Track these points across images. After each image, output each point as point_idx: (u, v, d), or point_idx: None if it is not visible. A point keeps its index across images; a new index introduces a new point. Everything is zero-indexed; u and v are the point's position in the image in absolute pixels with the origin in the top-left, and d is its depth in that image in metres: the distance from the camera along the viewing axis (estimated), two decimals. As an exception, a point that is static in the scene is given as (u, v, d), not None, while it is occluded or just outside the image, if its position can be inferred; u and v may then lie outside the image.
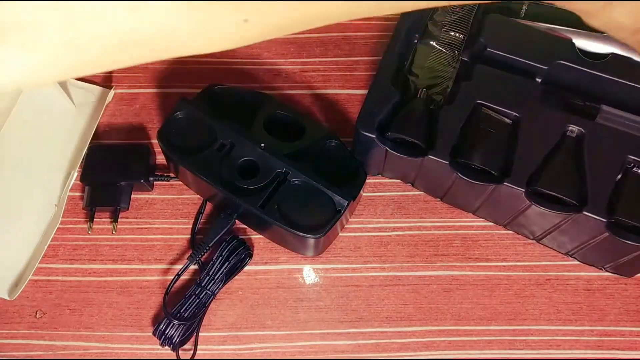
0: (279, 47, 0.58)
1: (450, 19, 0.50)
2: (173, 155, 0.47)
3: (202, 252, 0.48)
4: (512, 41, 0.47)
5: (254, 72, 0.56)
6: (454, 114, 0.45)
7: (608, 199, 0.42)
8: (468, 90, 0.46)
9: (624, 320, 0.48)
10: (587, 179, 0.42)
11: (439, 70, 0.49)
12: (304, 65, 0.57)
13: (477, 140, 0.44)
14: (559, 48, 0.47)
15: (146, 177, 0.50)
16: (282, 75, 0.57)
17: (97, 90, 0.56)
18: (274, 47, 0.58)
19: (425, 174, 0.48)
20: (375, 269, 0.49)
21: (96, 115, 0.54)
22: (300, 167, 0.46)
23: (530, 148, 0.44)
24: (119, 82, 0.56)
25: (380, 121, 0.46)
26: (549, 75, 0.47)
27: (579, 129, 0.44)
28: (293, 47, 0.58)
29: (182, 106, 0.48)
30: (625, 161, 0.43)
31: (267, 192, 0.45)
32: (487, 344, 0.47)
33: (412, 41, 0.50)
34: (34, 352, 0.47)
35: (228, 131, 0.47)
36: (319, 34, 0.59)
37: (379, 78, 0.47)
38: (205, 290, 0.46)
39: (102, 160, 0.51)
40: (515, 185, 0.43)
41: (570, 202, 0.42)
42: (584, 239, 0.45)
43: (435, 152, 0.44)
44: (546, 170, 0.43)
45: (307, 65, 0.57)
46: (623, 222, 0.41)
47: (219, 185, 0.46)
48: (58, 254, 0.50)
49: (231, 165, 0.46)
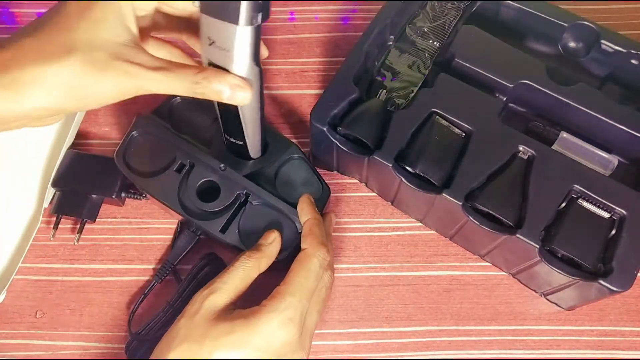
0: (279, 47, 0.58)
1: (430, 26, 0.50)
2: (132, 177, 0.46)
3: (167, 271, 0.47)
4: (482, 55, 0.47)
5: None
6: (407, 118, 0.45)
7: (545, 225, 0.42)
8: (425, 97, 0.46)
9: (624, 320, 0.48)
10: (528, 202, 0.42)
11: (408, 74, 0.49)
12: (304, 65, 0.57)
13: (424, 147, 0.44)
14: (528, 68, 0.46)
15: (118, 193, 0.49)
16: (282, 75, 0.57)
17: None
18: (274, 47, 0.58)
19: (373, 174, 0.48)
20: (375, 269, 0.49)
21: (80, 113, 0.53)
22: (261, 188, 0.45)
23: (477, 163, 0.43)
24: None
25: (334, 115, 0.46)
26: (513, 94, 0.47)
27: (531, 152, 0.44)
28: (293, 47, 0.58)
29: (139, 124, 0.47)
30: (571, 191, 0.43)
31: (228, 214, 0.45)
32: (487, 344, 0.47)
33: (386, 42, 0.50)
34: (34, 352, 0.47)
35: (187, 151, 0.46)
36: (319, 34, 0.59)
37: (341, 73, 0.47)
38: (176, 311, 0.45)
39: (77, 168, 0.50)
40: (453, 197, 0.42)
41: (506, 223, 0.42)
42: (519, 262, 0.45)
43: (380, 153, 0.44)
44: (488, 187, 0.43)
45: (307, 65, 0.57)
46: (558, 252, 0.41)
47: (178, 209, 0.45)
48: (58, 254, 0.50)
49: (191, 187, 0.45)
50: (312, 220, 0.43)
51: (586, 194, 0.42)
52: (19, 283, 0.49)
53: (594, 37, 0.48)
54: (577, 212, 0.42)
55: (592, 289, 0.41)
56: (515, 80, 0.46)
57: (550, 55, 0.50)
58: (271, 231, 0.43)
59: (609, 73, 0.49)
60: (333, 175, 0.53)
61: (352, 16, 0.60)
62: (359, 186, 0.53)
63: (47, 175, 0.51)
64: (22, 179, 0.52)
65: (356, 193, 0.52)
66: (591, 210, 0.42)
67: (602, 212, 0.42)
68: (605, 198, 0.42)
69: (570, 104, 0.45)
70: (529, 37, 0.51)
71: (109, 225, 0.51)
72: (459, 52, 0.47)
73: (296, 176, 0.48)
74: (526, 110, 0.49)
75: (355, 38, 0.48)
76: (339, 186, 0.52)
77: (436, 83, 0.46)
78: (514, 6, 0.50)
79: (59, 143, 0.52)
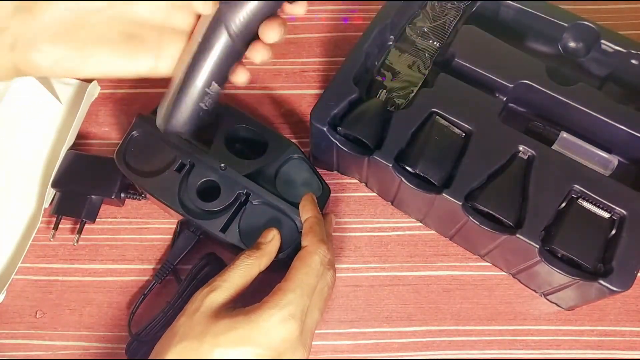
0: (279, 47, 0.58)
1: (430, 26, 0.50)
2: (132, 177, 0.46)
3: (167, 271, 0.47)
4: (482, 55, 0.47)
5: (254, 72, 0.56)
6: (407, 118, 0.45)
7: (545, 225, 0.41)
8: (425, 97, 0.46)
9: (624, 320, 0.48)
10: (528, 202, 0.42)
11: (408, 74, 0.49)
12: (304, 65, 0.57)
13: (424, 147, 0.44)
14: (527, 68, 0.46)
15: (118, 193, 0.49)
16: (282, 75, 0.57)
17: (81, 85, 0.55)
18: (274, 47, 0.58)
19: (373, 174, 0.48)
20: (375, 269, 0.49)
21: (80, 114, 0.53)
22: (261, 187, 0.45)
23: (477, 163, 0.43)
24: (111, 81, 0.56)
25: (334, 115, 0.46)
26: (513, 94, 0.47)
27: (531, 152, 0.44)
28: (293, 47, 0.58)
29: (139, 124, 0.47)
30: (571, 191, 0.42)
31: (228, 214, 0.45)
32: (487, 344, 0.47)
33: (386, 42, 0.50)
34: (34, 352, 0.47)
35: (187, 151, 0.46)
36: (319, 34, 0.59)
37: (341, 73, 0.47)
38: (176, 312, 0.44)
39: (77, 168, 0.50)
40: (453, 197, 0.42)
41: (506, 223, 0.42)
42: (519, 262, 0.45)
43: (380, 153, 0.44)
44: (488, 187, 0.43)
45: (307, 65, 0.57)
46: (558, 252, 0.41)
47: (178, 209, 0.45)
48: (58, 254, 0.50)
49: (191, 186, 0.45)
50: (313, 219, 0.43)
51: (586, 194, 0.42)
52: (18, 283, 0.49)
53: (594, 37, 0.48)
54: (577, 212, 0.42)
55: (592, 289, 0.41)
56: (515, 80, 0.46)
57: (550, 55, 0.50)
58: (270, 229, 0.43)
59: (609, 73, 0.49)
60: (333, 175, 0.53)
61: (352, 16, 0.60)
62: (359, 186, 0.53)
63: (47, 176, 0.51)
64: (22, 180, 0.52)
65: (356, 193, 0.52)
66: (591, 210, 0.42)
67: (602, 212, 0.42)
68: (605, 198, 0.42)
69: (570, 104, 0.45)
70: (529, 37, 0.51)
71: (109, 225, 0.51)
72: (459, 52, 0.47)
73: (296, 176, 0.48)
74: (526, 110, 0.49)
75: (355, 38, 0.48)
76: (339, 186, 0.52)
77: (436, 83, 0.46)
78: (514, 6, 0.50)
79: (59, 143, 0.52)
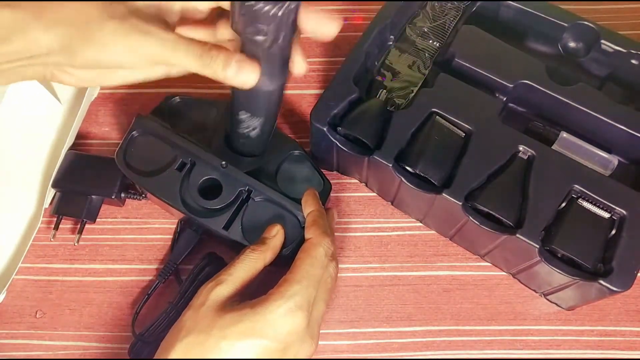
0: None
1: (430, 26, 0.50)
2: (132, 177, 0.46)
3: (170, 271, 0.47)
4: (482, 55, 0.47)
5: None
6: (407, 118, 0.45)
7: (545, 225, 0.41)
8: (425, 97, 0.46)
9: (624, 320, 0.48)
10: (528, 202, 0.42)
11: (408, 74, 0.49)
12: (304, 65, 0.57)
13: (424, 147, 0.44)
14: (527, 68, 0.46)
15: (118, 193, 0.49)
16: (282, 75, 0.57)
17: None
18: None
19: (373, 174, 0.48)
20: (375, 269, 0.49)
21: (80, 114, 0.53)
22: (263, 184, 0.45)
23: (477, 163, 0.43)
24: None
25: (334, 115, 0.46)
26: (513, 94, 0.47)
27: (531, 152, 0.44)
28: (293, 47, 0.58)
29: (138, 124, 0.47)
30: (571, 191, 0.43)
31: (230, 211, 0.45)
32: (487, 344, 0.47)
33: (386, 42, 0.50)
34: (34, 352, 0.47)
35: (188, 150, 0.45)
36: (319, 34, 0.58)
37: (341, 73, 0.47)
38: (179, 312, 0.44)
39: (77, 168, 0.50)
40: (453, 197, 0.42)
41: (506, 223, 0.42)
42: (519, 262, 0.45)
43: (380, 153, 0.44)
44: (488, 187, 0.43)
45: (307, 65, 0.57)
46: (558, 252, 0.41)
47: (180, 207, 0.45)
48: (58, 254, 0.50)
49: (193, 185, 0.45)
50: (316, 212, 0.43)
51: (586, 194, 0.42)
52: (19, 283, 0.49)
53: (594, 37, 0.48)
54: (577, 212, 0.42)
55: (592, 289, 0.41)
56: (515, 80, 0.46)
57: (550, 55, 0.50)
58: (274, 225, 0.43)
59: (609, 73, 0.49)
60: (333, 175, 0.53)
61: (352, 16, 0.60)
62: (359, 186, 0.53)
63: (47, 176, 0.51)
64: (22, 180, 0.52)
65: (356, 193, 0.52)
66: (591, 210, 0.42)
67: (602, 212, 0.42)
68: (605, 198, 0.42)
69: (570, 104, 0.45)
70: (529, 37, 0.51)
71: (109, 225, 0.51)
72: (459, 52, 0.47)
73: (297, 172, 0.48)
74: (526, 110, 0.49)
75: (355, 38, 0.48)
76: (339, 186, 0.52)
77: (436, 83, 0.46)
78: (514, 6, 0.50)
79: (59, 143, 0.52)
